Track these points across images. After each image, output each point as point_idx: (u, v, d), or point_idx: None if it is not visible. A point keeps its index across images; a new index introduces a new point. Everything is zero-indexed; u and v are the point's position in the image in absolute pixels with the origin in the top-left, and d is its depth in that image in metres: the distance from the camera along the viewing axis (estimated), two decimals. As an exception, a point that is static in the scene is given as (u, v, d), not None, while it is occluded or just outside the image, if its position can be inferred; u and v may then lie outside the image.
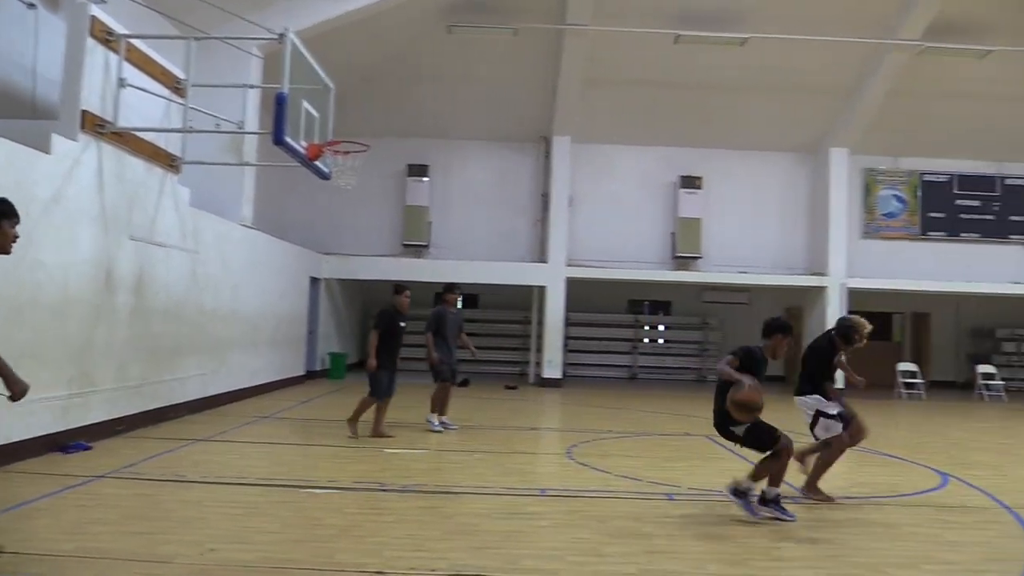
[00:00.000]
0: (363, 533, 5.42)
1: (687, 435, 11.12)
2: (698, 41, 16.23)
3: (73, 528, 5.28)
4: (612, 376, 22.04)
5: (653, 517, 6.20)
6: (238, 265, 12.81)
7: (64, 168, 7.96)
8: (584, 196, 19.79)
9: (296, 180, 18.22)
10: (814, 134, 19.59)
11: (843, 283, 18.85)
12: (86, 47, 8.30)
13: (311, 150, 9.57)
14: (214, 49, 12.24)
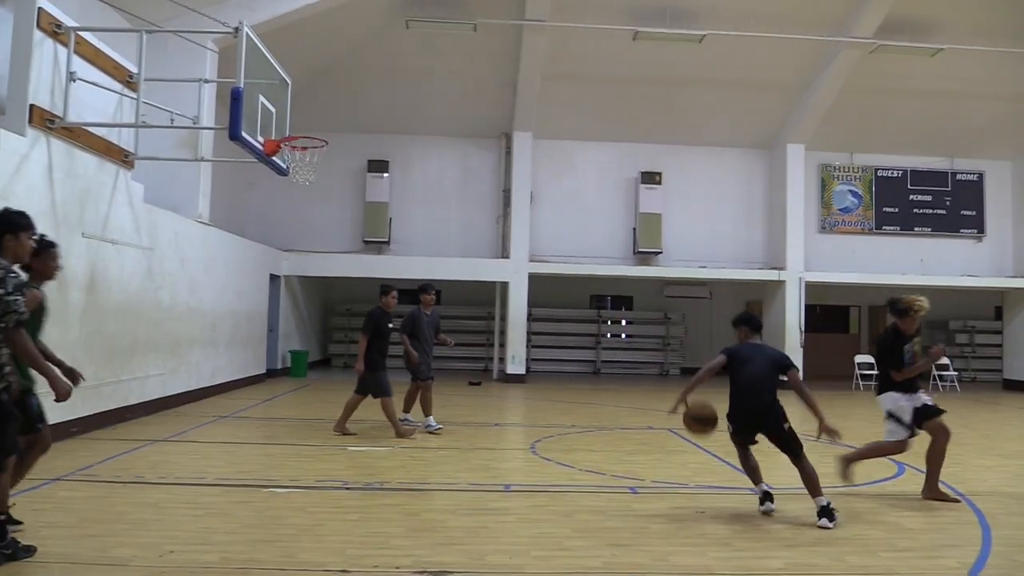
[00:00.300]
0: (326, 532, 5.36)
1: (649, 428, 11.19)
2: (656, 38, 16.32)
3: (28, 533, 5.12)
4: (575, 371, 22.13)
5: (617, 511, 6.22)
6: (195, 262, 12.60)
7: (12, 164, 7.75)
8: (546, 192, 19.83)
9: (255, 176, 18.03)
10: (770, 130, 19.83)
11: (801, 277, 19.11)
12: (33, 40, 8.07)
13: (268, 146, 9.45)
14: (168, 43, 12.06)
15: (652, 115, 19.27)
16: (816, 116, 18.79)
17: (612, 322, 23.14)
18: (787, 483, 6.93)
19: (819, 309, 21.91)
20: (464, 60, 17.71)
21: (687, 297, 22.34)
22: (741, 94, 18.73)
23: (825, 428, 6.25)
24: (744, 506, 6.40)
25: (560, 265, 19.19)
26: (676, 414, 6.53)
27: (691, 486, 7.17)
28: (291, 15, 13.85)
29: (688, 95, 18.77)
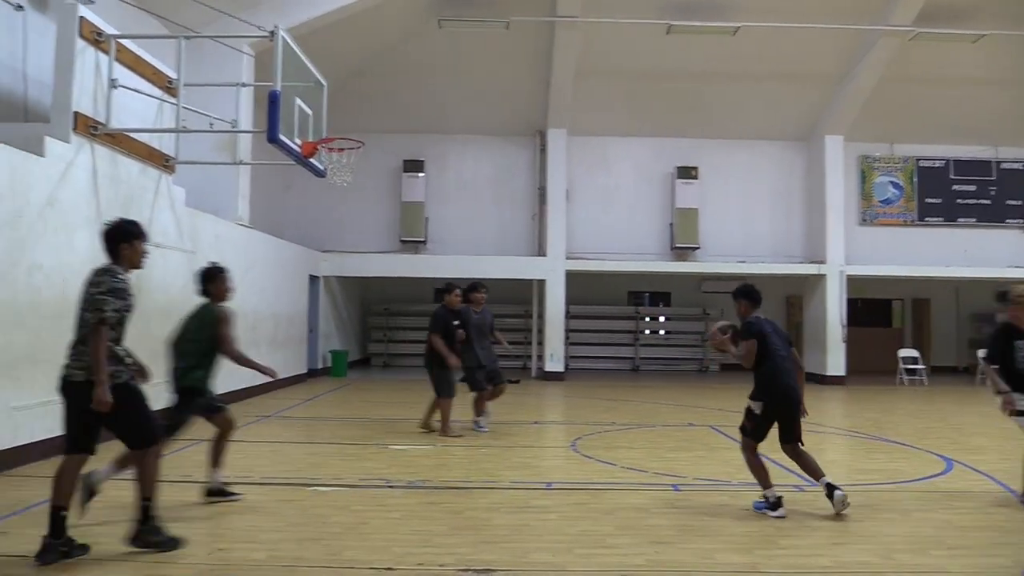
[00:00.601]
0: (371, 530, 5.40)
1: (690, 425, 11.11)
2: (690, 31, 16.18)
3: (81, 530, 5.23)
4: (614, 368, 22.03)
5: (659, 508, 6.18)
6: (236, 264, 12.66)
7: (58, 171, 7.91)
8: (581, 188, 19.76)
9: (292, 178, 18.25)
10: (808, 122, 19.55)
11: (842, 270, 18.82)
12: (76, 48, 8.24)
13: (305, 148, 9.53)
14: (205, 48, 12.21)
15: (687, 109, 19.11)
16: (855, 106, 18.50)
17: (650, 318, 22.99)
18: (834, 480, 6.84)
19: (860, 303, 21.54)
20: (497, 58, 17.72)
21: (726, 292, 21.97)
22: (777, 86, 18.50)
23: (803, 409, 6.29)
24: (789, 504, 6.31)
25: (597, 262, 19.11)
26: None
27: (734, 483, 7.09)
28: (325, 17, 13.98)
29: (723, 88, 18.59)
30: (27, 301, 7.34)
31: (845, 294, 18.77)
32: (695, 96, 18.77)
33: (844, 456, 9.35)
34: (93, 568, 4.54)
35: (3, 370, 6.99)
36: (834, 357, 18.57)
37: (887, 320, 23.44)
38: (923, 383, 18.50)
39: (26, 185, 7.38)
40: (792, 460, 6.33)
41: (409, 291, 21.93)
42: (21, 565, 4.52)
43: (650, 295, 23.07)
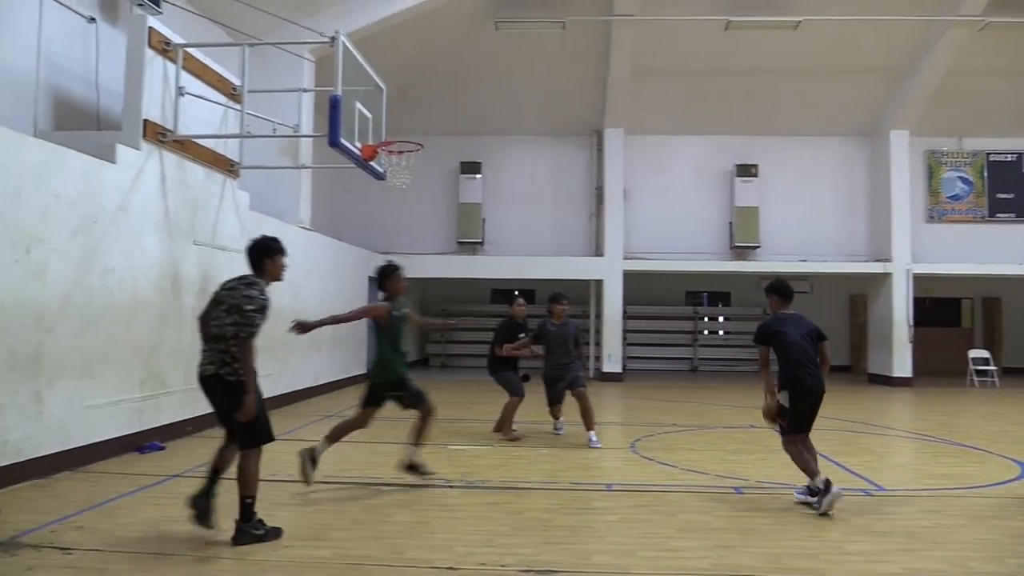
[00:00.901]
0: (432, 529, 5.44)
1: (751, 427, 10.94)
2: (749, 26, 15.93)
3: (152, 526, 5.40)
4: (672, 369, 21.84)
5: (722, 511, 6.10)
6: (298, 267, 12.95)
7: (129, 177, 8.16)
8: (639, 188, 19.61)
9: (351, 181, 18.47)
10: (872, 117, 19.10)
11: (908, 269, 18.33)
12: (145, 58, 8.47)
13: (366, 151, 9.65)
14: (268, 55, 12.48)
15: (746, 106, 18.84)
16: (921, 100, 17.99)
17: (709, 319, 22.72)
18: (902, 484, 6.69)
19: (928, 302, 20.96)
20: (553, 59, 17.71)
21: (787, 292, 21.71)
22: (839, 80, 18.11)
23: None
24: (857, 508, 6.18)
25: (655, 262, 18.95)
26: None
27: (798, 487, 6.95)
28: (384, 22, 14.14)
29: (784, 84, 18.27)
30: (100, 303, 7.58)
31: (912, 293, 18.28)
32: (754, 92, 18.49)
33: (912, 460, 9.12)
34: (158, 563, 4.66)
35: (78, 370, 7.23)
36: (900, 358, 18.11)
37: (956, 320, 22.75)
38: (994, 385, 17.92)
39: (99, 191, 7.63)
40: (784, 449, 6.52)
41: (466, 292, 22.07)
42: (97, 559, 4.67)
43: (709, 295, 22.80)
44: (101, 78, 9.40)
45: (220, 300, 5.29)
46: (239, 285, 5.29)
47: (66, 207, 7.10)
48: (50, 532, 5.16)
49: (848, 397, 15.48)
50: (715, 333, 22.70)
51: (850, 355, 22.00)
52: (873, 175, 19.62)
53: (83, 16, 9.16)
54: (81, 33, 9.17)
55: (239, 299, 5.17)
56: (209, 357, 5.21)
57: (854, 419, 11.92)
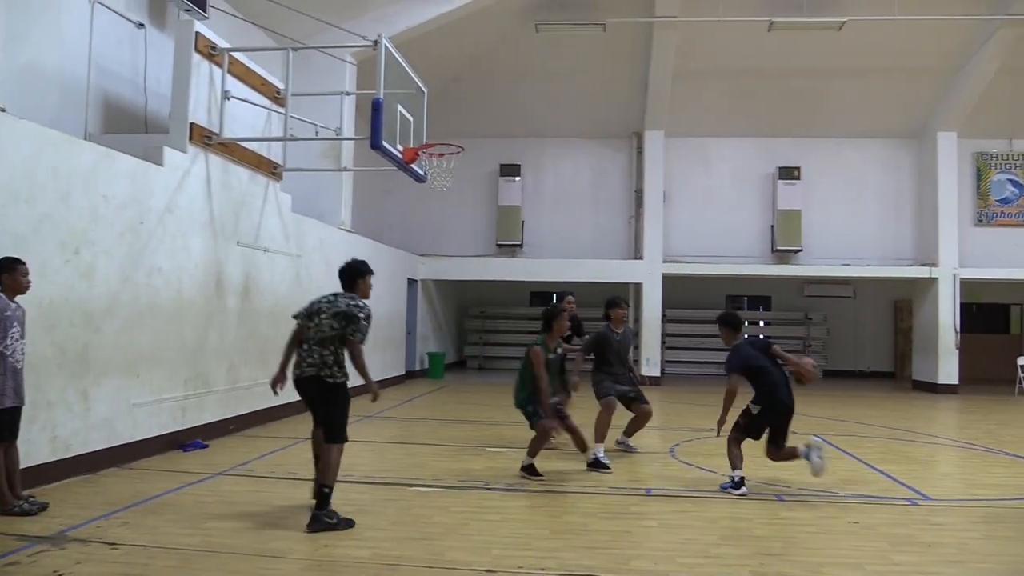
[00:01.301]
0: (471, 531, 5.45)
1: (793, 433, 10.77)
2: (793, 27, 15.70)
3: (196, 523, 5.48)
4: (711, 373, 21.60)
5: (763, 518, 6.02)
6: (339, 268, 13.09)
7: (176, 179, 8.30)
8: (679, 191, 19.48)
9: (391, 184, 18.63)
10: (919, 118, 18.74)
11: (955, 273, 17.95)
12: (192, 62, 8.62)
13: (407, 153, 9.71)
14: (310, 58, 12.62)
15: (789, 108, 18.61)
16: (969, 101, 17.61)
17: (749, 323, 22.45)
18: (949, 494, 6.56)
19: (975, 308, 20.50)
20: (594, 61, 17.66)
21: (829, 296, 21.43)
22: (885, 81, 17.81)
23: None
24: (903, 518, 6.06)
25: (695, 265, 18.80)
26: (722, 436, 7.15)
27: (841, 495, 6.85)
28: (425, 25, 14.23)
29: (828, 85, 18.02)
30: (147, 303, 7.73)
31: (959, 298, 17.90)
32: (798, 94, 18.26)
33: (959, 469, 8.91)
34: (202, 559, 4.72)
35: (124, 368, 7.37)
36: (946, 365, 17.73)
37: (1005, 326, 22.21)
38: (1046, 393, 17.47)
39: (146, 193, 7.77)
40: (772, 460, 7.19)
41: (505, 294, 22.10)
42: (142, 554, 4.75)
43: (749, 299, 22.55)
44: (149, 82, 9.59)
45: (321, 310, 5.88)
46: (340, 298, 5.93)
47: (114, 208, 7.25)
48: (96, 527, 5.26)
49: (892, 404, 15.21)
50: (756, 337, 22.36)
51: (894, 361, 21.61)
52: (919, 178, 19.26)
53: (132, 22, 9.36)
54: (130, 38, 9.36)
55: (350, 308, 5.81)
56: (310, 360, 5.77)
57: (898, 427, 11.71)
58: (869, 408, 14.20)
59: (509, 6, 15.89)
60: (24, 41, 7.69)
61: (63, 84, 8.30)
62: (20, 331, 5.57)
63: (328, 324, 5.79)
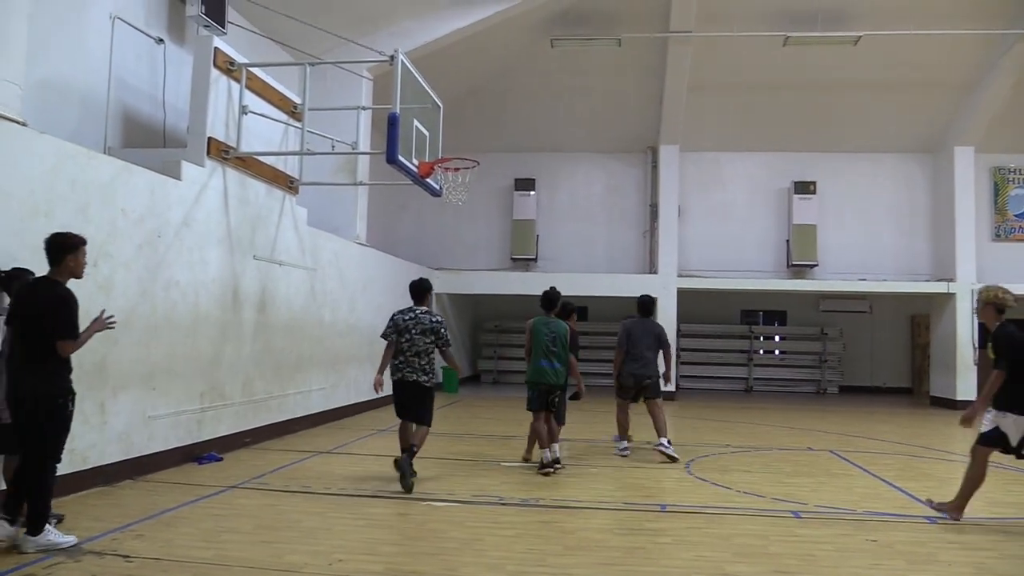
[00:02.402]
0: (485, 547, 5.42)
1: (809, 450, 10.72)
2: (808, 42, 15.67)
3: (210, 536, 5.49)
4: (726, 389, 21.50)
5: (780, 536, 5.96)
6: (354, 281, 13.16)
7: (193, 192, 8.37)
8: (693, 205, 19.46)
9: (406, 198, 18.72)
10: (935, 133, 18.65)
11: (973, 288, 17.77)
12: (210, 77, 8.70)
13: (422, 168, 9.74)
14: (327, 73, 12.72)
15: (804, 122, 18.57)
16: (986, 116, 17.49)
17: (764, 338, 22.33)
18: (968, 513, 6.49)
19: (994, 323, 20.28)
20: (609, 75, 17.70)
21: (845, 312, 21.27)
22: (901, 96, 17.75)
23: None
24: (922, 536, 6.00)
25: (709, 280, 18.74)
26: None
27: (859, 512, 6.78)
28: (441, 40, 14.31)
29: (843, 100, 17.97)
30: (164, 316, 7.77)
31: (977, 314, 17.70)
32: (813, 108, 18.22)
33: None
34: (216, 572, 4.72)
35: (141, 380, 7.41)
36: (964, 381, 17.54)
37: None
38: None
39: (165, 206, 7.84)
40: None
41: (520, 308, 22.02)
42: (156, 567, 4.76)
43: (764, 314, 22.42)
44: (168, 97, 9.69)
45: (409, 327, 7.52)
46: (422, 314, 7.63)
47: (133, 222, 7.31)
48: (112, 540, 5.28)
49: (910, 421, 15.07)
50: (771, 353, 22.27)
51: (911, 377, 21.42)
52: (936, 192, 19.14)
53: (152, 37, 9.46)
54: (150, 53, 9.47)
55: (434, 325, 7.56)
56: (412, 367, 7.48)
57: (916, 443, 11.60)
58: (886, 424, 14.08)
59: (525, 22, 15.96)
60: (46, 56, 7.80)
61: (84, 98, 8.40)
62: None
63: (421, 340, 7.45)
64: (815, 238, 18.78)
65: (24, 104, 6.33)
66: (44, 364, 4.94)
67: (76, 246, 5.18)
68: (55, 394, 4.97)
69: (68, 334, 4.97)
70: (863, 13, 15.57)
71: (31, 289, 5.10)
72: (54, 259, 5.11)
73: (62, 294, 5.02)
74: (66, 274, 5.14)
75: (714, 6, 15.56)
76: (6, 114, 5.92)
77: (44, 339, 4.92)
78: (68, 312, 4.99)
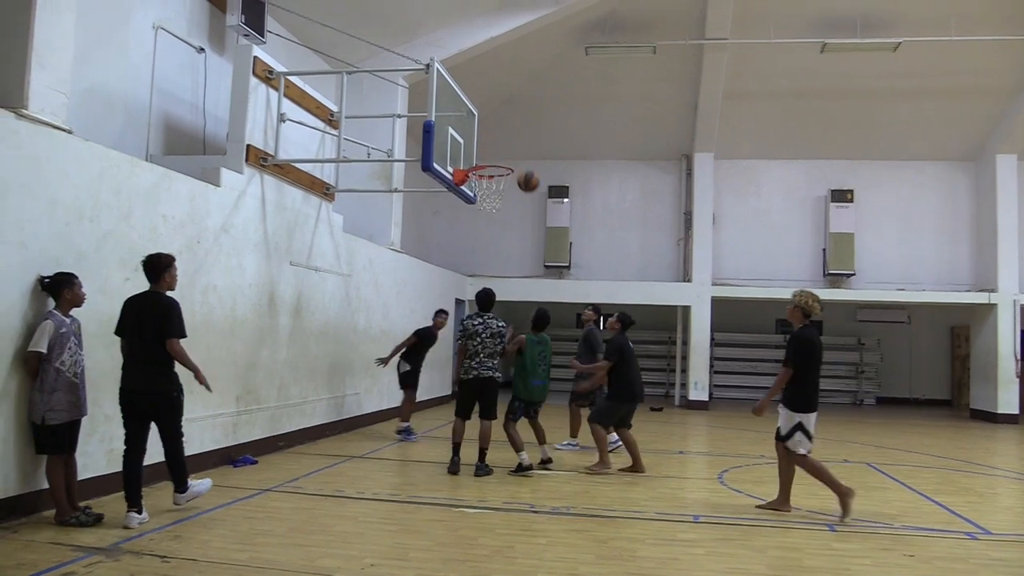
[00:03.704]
0: (516, 555, 5.42)
1: (845, 462, 10.56)
2: (846, 49, 15.51)
3: (245, 538, 5.56)
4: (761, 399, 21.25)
5: (815, 549, 5.89)
6: (388, 288, 13.25)
7: (232, 199, 8.49)
8: (728, 213, 19.33)
9: (440, 205, 18.83)
10: (976, 140, 18.35)
11: (1015, 300, 17.44)
12: (250, 86, 8.83)
13: (457, 175, 9.77)
14: (363, 81, 12.85)
15: (842, 130, 18.38)
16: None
17: (800, 347, 21.99)
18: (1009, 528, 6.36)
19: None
20: (643, 83, 17.67)
21: (883, 322, 20.95)
22: (941, 103, 17.49)
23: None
24: (961, 552, 5.89)
25: (744, 288, 18.58)
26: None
27: (896, 526, 6.68)
28: (476, 48, 14.37)
29: (881, 107, 17.75)
30: (201, 319, 7.89)
31: (1019, 325, 17.37)
32: (851, 116, 18.03)
33: (1020, 502, 8.64)
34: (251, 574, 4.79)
35: (180, 384, 7.50)
36: (1006, 393, 17.20)
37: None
38: (1113, 425, 16.83)
39: (204, 212, 7.97)
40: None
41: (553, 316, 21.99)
42: (192, 568, 4.83)
43: (800, 323, 22.12)
44: (208, 105, 9.85)
45: (479, 332, 8.41)
46: (489, 320, 8.53)
47: (173, 227, 7.44)
48: (150, 540, 5.37)
49: (950, 433, 14.80)
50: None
51: (951, 389, 21.04)
52: (977, 201, 18.82)
53: (193, 46, 9.63)
54: (191, 62, 9.64)
55: (499, 329, 8.56)
56: (486, 367, 8.49)
57: (956, 457, 11.39)
58: (925, 437, 13.84)
59: (559, 30, 15.99)
60: (91, 65, 7.97)
61: (127, 107, 8.57)
62: (77, 343, 5.76)
63: (491, 342, 8.45)
64: (852, 247, 18.55)
65: (70, 112, 6.48)
66: (158, 364, 5.86)
67: (169, 264, 6.07)
68: (170, 389, 5.95)
69: (177, 333, 5.88)
70: (902, 19, 15.37)
71: (142, 301, 5.95)
72: (154, 276, 6.00)
73: (168, 302, 5.95)
74: (164, 286, 6.03)
75: (750, 13, 15.45)
76: (53, 122, 6.07)
77: (158, 341, 5.81)
78: (176, 315, 5.91)
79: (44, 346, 5.52)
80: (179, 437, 6.13)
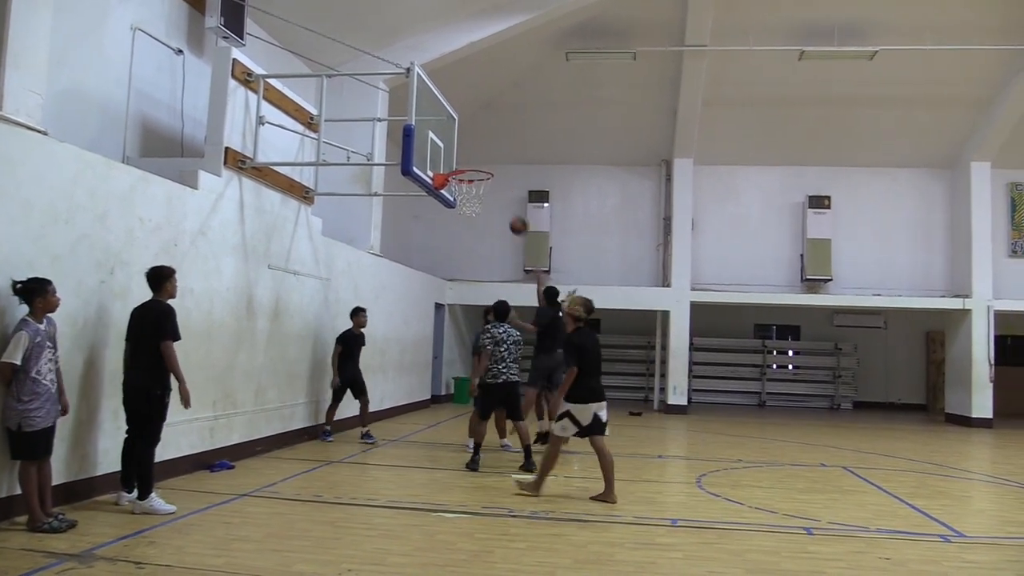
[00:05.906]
0: (495, 559, 5.42)
1: (822, 465, 10.65)
2: (824, 56, 15.65)
3: (221, 544, 5.51)
4: (739, 403, 21.41)
5: (792, 552, 5.93)
6: (367, 291, 13.19)
7: (209, 202, 8.44)
8: (707, 218, 19.45)
9: (420, 209, 18.78)
10: (951, 148, 18.58)
11: (989, 305, 17.66)
12: (228, 88, 8.78)
13: (437, 179, 9.77)
14: (343, 85, 12.80)
15: (819, 137, 18.55)
16: (1003, 131, 17.40)
17: (778, 352, 22.22)
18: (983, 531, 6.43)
19: (1010, 340, 20.14)
20: (624, 89, 17.74)
21: (859, 327, 21.14)
22: (917, 111, 17.70)
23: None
24: (935, 555, 5.94)
25: (723, 293, 18.70)
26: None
27: (872, 529, 6.73)
28: (457, 53, 14.37)
29: (858, 114, 17.94)
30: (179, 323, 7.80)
31: (993, 330, 17.60)
32: (828, 123, 18.21)
33: (993, 505, 8.73)
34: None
35: (156, 388, 7.43)
36: (980, 398, 17.40)
37: (1041, 359, 21.78)
38: (1084, 429, 17.07)
39: (181, 215, 7.90)
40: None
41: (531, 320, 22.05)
42: (167, 574, 4.78)
43: (778, 328, 22.32)
44: (186, 107, 9.78)
45: (503, 340, 9.23)
46: (509, 329, 9.41)
47: (150, 230, 7.38)
48: (124, 546, 5.31)
49: (924, 438, 14.95)
50: (784, 367, 22.16)
51: (927, 394, 21.26)
52: (952, 208, 19.06)
53: (171, 48, 9.57)
54: (169, 64, 9.57)
55: (518, 337, 9.34)
56: (511, 371, 9.21)
57: (931, 460, 11.51)
58: (901, 441, 13.97)
59: (540, 35, 16.03)
60: (67, 66, 7.89)
61: (103, 108, 8.49)
62: (52, 347, 5.69)
63: (515, 348, 9.30)
64: (829, 253, 18.72)
65: (45, 113, 6.41)
66: (148, 363, 6.27)
67: (170, 275, 6.56)
68: (153, 386, 6.29)
69: (170, 335, 6.33)
70: (879, 28, 15.54)
71: (146, 309, 6.42)
72: (156, 286, 6.49)
73: (164, 308, 6.42)
74: (166, 295, 6.51)
75: (730, 20, 15.57)
76: (28, 123, 6.00)
77: (151, 344, 6.26)
78: (171, 320, 6.39)
79: (19, 358, 5.43)
80: (154, 442, 6.36)
